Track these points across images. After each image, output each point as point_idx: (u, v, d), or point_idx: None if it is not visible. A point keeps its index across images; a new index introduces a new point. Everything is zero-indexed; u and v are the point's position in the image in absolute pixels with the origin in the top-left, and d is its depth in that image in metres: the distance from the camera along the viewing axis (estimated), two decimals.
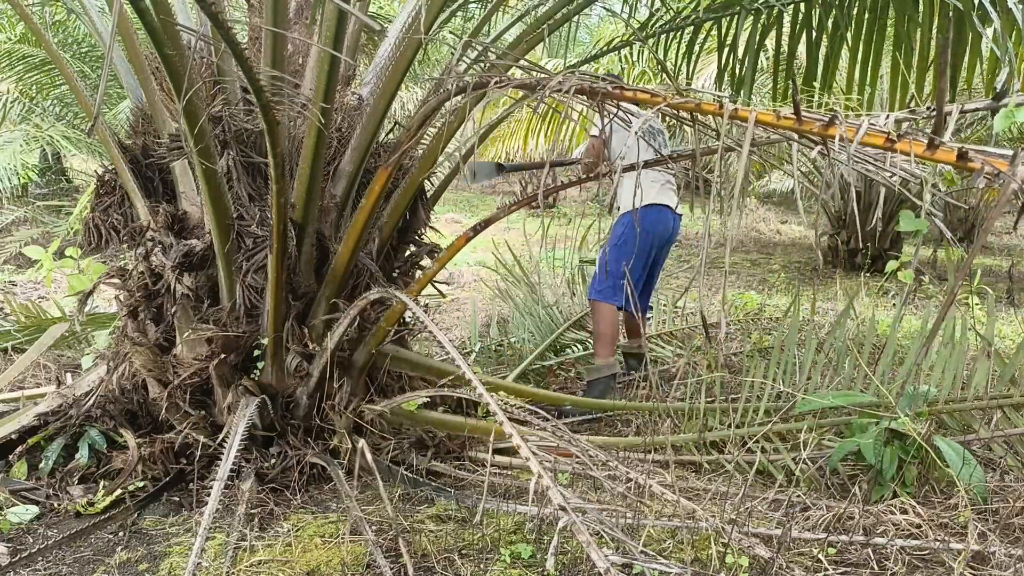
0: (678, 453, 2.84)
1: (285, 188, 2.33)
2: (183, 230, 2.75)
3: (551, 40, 4.61)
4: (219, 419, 2.67)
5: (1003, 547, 1.98)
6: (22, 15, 2.94)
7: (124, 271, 2.83)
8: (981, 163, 1.42)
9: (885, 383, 2.79)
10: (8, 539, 2.25)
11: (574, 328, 4.26)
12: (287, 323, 2.62)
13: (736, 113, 1.69)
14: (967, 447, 2.40)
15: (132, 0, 1.79)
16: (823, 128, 1.61)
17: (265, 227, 2.59)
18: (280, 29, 2.46)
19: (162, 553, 2.17)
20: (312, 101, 2.38)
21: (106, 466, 2.61)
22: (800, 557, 2.04)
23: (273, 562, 2.08)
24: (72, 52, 6.66)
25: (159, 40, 1.93)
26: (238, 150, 2.63)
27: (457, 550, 2.11)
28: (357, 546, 2.12)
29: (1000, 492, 2.39)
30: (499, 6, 3.12)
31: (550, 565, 1.48)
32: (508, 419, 1.80)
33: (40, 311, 4.44)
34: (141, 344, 2.69)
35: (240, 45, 1.92)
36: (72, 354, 3.97)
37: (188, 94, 2.06)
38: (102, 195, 2.90)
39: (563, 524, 1.47)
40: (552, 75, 1.90)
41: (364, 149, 2.68)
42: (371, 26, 2.35)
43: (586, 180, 3.11)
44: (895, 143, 1.53)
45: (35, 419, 2.74)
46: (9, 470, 2.61)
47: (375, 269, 2.77)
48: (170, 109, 2.74)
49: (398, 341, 3.03)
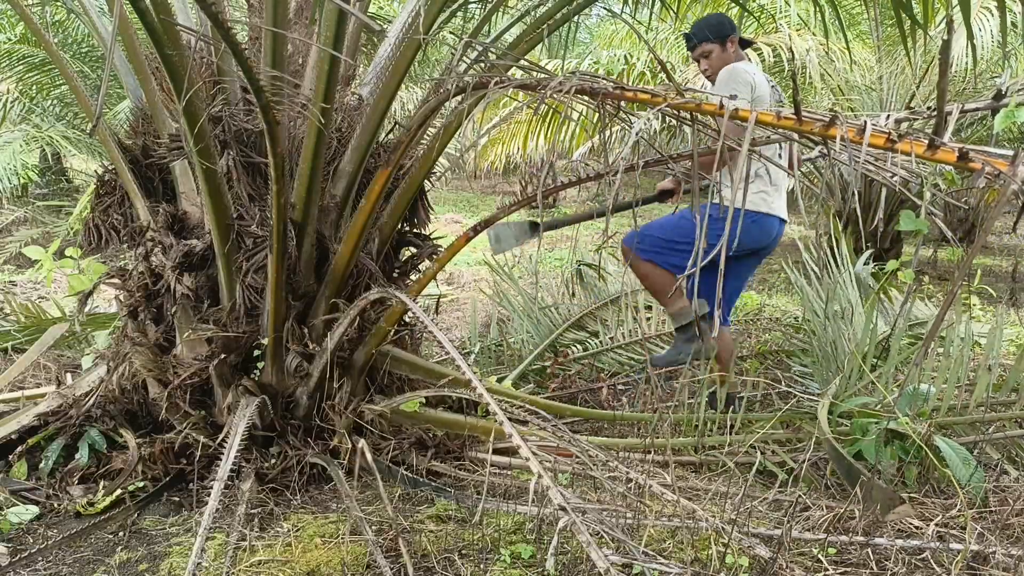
0: (678, 454, 2.84)
1: (285, 188, 2.33)
2: (183, 230, 2.75)
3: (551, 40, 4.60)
4: (219, 419, 2.67)
5: (1002, 547, 1.98)
6: (22, 15, 2.94)
7: (124, 271, 2.83)
8: (982, 163, 1.42)
9: (887, 385, 2.79)
10: (8, 539, 2.25)
11: (573, 328, 4.25)
12: (287, 323, 2.62)
13: (737, 113, 1.69)
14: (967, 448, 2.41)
15: (132, 0, 1.79)
16: (824, 128, 1.61)
17: (265, 227, 2.59)
18: (280, 29, 2.46)
19: (162, 553, 2.17)
20: (312, 101, 2.38)
21: (106, 466, 2.61)
22: (800, 557, 2.04)
23: (273, 562, 2.08)
24: (72, 52, 6.67)
25: (159, 40, 1.93)
26: (238, 150, 2.63)
27: (457, 550, 2.10)
28: (357, 546, 2.12)
29: (998, 492, 2.39)
30: (499, 6, 3.12)
31: (550, 565, 1.48)
32: (508, 419, 1.79)
33: (40, 311, 4.44)
34: (141, 344, 2.69)
35: (240, 45, 1.92)
36: (72, 354, 3.97)
37: (188, 94, 2.06)
38: (102, 195, 2.90)
39: (563, 524, 1.47)
40: (553, 76, 1.90)
41: (364, 149, 2.68)
42: (371, 26, 2.35)
43: (586, 180, 3.00)
44: (896, 143, 1.53)
45: (35, 419, 2.74)
46: (9, 470, 2.61)
47: (375, 269, 2.77)
48: (170, 109, 2.74)
49: (398, 342, 3.03)
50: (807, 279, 4.03)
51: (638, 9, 3.49)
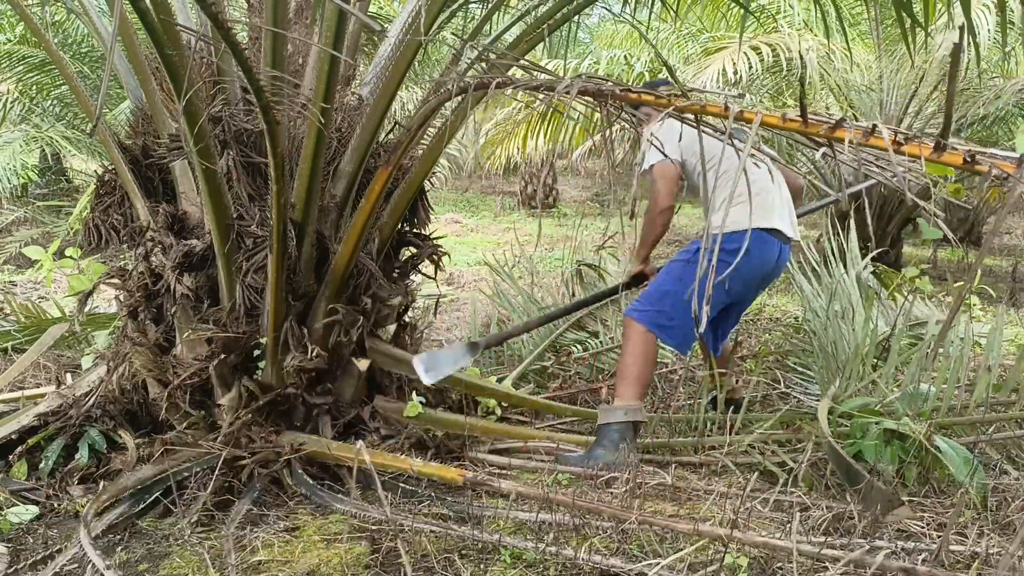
0: (677, 454, 2.84)
1: (285, 188, 2.33)
2: (183, 230, 2.75)
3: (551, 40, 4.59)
4: (219, 419, 2.67)
5: (1001, 545, 1.97)
6: (22, 15, 2.94)
7: (124, 271, 2.83)
8: (989, 166, 1.42)
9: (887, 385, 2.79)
10: (8, 539, 2.25)
11: (573, 328, 4.25)
12: (287, 323, 2.62)
13: (741, 115, 1.69)
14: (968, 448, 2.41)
15: (132, 0, 1.78)
16: (829, 131, 1.61)
17: (265, 227, 2.58)
18: (280, 29, 2.46)
19: (162, 553, 2.17)
20: (312, 101, 2.38)
21: (106, 466, 2.61)
22: (800, 557, 2.04)
23: (273, 562, 2.08)
24: (72, 52, 6.66)
25: (159, 40, 1.93)
26: (238, 150, 2.63)
27: (457, 550, 2.10)
28: (357, 546, 2.12)
29: (997, 492, 2.39)
30: (499, 6, 3.12)
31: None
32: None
33: (40, 311, 4.44)
34: (141, 344, 2.69)
35: (240, 45, 1.92)
36: (72, 354, 3.97)
37: (188, 94, 2.06)
38: (102, 195, 2.90)
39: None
40: (556, 76, 1.90)
41: (364, 149, 2.68)
42: (371, 26, 2.35)
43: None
44: (902, 145, 1.52)
45: (35, 419, 2.73)
46: (9, 470, 2.60)
47: (375, 269, 2.77)
48: (170, 109, 2.73)
49: (398, 342, 3.03)
50: (807, 279, 4.03)
51: (638, 9, 3.48)
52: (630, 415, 2.68)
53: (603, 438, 2.67)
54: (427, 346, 4.16)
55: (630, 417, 2.68)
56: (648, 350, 2.77)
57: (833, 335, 3.43)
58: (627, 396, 2.73)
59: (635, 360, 2.76)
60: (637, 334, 2.77)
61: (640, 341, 2.76)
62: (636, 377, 2.74)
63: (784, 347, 4.42)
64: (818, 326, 3.66)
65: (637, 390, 2.74)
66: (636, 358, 2.76)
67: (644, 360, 2.76)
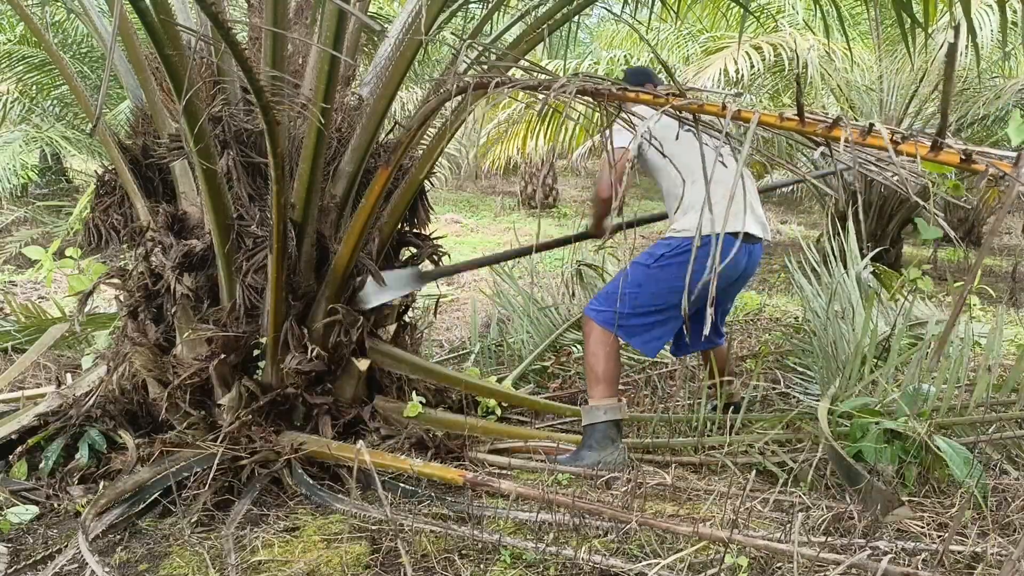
0: (677, 454, 2.84)
1: (285, 188, 2.33)
2: (183, 230, 2.75)
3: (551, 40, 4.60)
4: (219, 419, 2.67)
5: (1002, 546, 1.97)
6: (22, 15, 2.94)
7: (124, 271, 2.83)
8: (986, 165, 1.41)
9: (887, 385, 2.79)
10: (8, 539, 2.25)
11: (573, 328, 4.25)
12: (287, 323, 2.62)
13: (739, 114, 1.68)
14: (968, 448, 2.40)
15: (132, 0, 1.78)
16: (827, 130, 1.60)
17: (265, 227, 2.59)
18: (280, 29, 2.46)
19: (162, 553, 2.17)
20: (312, 101, 2.38)
21: (106, 466, 2.61)
22: (801, 559, 2.04)
23: (273, 562, 2.08)
24: (72, 52, 6.66)
25: (159, 40, 1.93)
26: (238, 150, 2.63)
27: (457, 550, 2.10)
28: (357, 546, 2.12)
29: (997, 492, 2.39)
30: (499, 6, 3.12)
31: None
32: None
33: (40, 311, 4.44)
34: (141, 344, 2.69)
35: (240, 45, 1.92)
36: (72, 354, 3.97)
37: (188, 94, 2.06)
38: (102, 195, 2.90)
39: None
40: (555, 76, 1.90)
41: (364, 149, 2.68)
42: (371, 26, 2.35)
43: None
44: (899, 144, 1.52)
45: (35, 419, 2.73)
46: (9, 470, 2.60)
47: (375, 269, 2.77)
48: (170, 109, 2.74)
49: (398, 342, 3.03)
50: (807, 279, 4.03)
51: (638, 9, 3.48)
52: (609, 414, 2.72)
53: (589, 438, 2.73)
54: (427, 346, 4.16)
55: (610, 416, 2.72)
56: (609, 349, 2.79)
57: (833, 335, 3.43)
58: (599, 395, 2.77)
59: (598, 359, 2.79)
60: (595, 332, 2.81)
61: (599, 340, 2.80)
62: (602, 375, 2.78)
63: (784, 347, 4.42)
64: (818, 326, 3.66)
65: (607, 388, 2.77)
66: (599, 357, 2.79)
67: (607, 357, 2.79)
